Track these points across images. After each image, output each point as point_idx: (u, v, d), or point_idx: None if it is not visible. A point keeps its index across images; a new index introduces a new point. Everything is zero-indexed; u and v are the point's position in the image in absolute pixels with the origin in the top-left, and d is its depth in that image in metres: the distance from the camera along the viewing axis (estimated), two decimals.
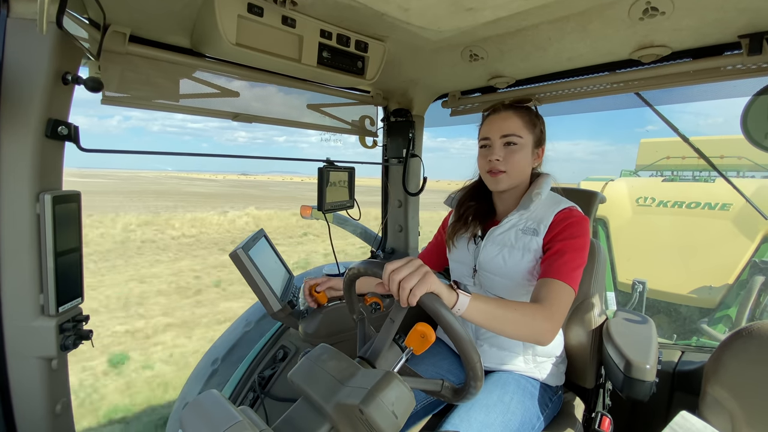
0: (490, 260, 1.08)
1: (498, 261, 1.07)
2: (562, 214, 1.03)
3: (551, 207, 1.06)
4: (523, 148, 1.06)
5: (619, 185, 5.34)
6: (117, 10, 0.92)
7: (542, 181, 1.10)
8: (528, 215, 1.07)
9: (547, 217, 1.04)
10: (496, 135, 1.06)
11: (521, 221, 1.08)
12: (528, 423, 0.98)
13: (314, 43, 1.08)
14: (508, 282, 1.06)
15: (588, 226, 1.02)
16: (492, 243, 1.10)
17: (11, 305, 0.79)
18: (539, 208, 1.07)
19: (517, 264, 1.04)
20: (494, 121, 1.08)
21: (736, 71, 1.06)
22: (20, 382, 0.81)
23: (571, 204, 1.07)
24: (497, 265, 1.07)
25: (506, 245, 1.07)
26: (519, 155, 1.05)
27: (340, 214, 2.21)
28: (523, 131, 1.06)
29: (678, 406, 1.10)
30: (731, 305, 3.84)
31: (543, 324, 0.84)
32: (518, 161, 1.05)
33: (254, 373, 1.50)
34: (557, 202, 1.08)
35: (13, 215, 0.77)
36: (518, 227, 1.07)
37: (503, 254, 1.06)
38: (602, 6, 0.95)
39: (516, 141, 1.05)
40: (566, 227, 1.00)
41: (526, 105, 1.11)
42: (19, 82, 0.74)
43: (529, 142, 1.07)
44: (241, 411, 0.60)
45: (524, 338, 0.91)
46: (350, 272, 0.86)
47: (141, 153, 1.25)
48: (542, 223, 1.04)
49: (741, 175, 5.09)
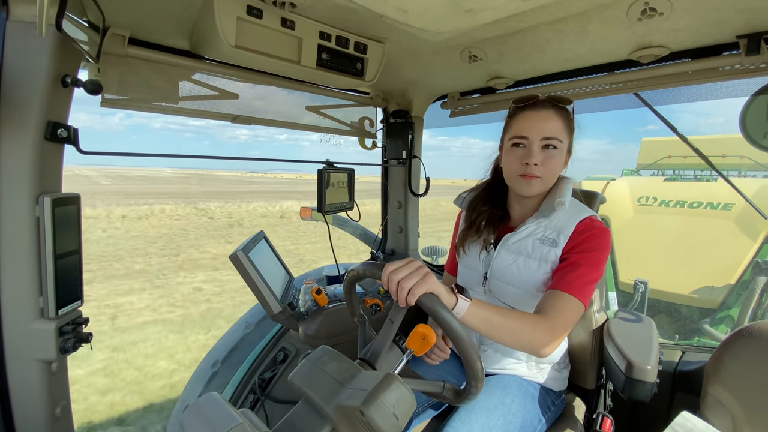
0: (503, 269, 1.04)
1: (512, 270, 1.02)
2: (583, 225, 0.97)
3: (572, 216, 1.00)
4: (561, 154, 0.99)
5: (621, 185, 5.34)
6: (116, 13, 0.92)
7: (564, 186, 1.03)
8: (547, 224, 1.01)
9: (568, 227, 0.98)
10: (537, 135, 0.96)
11: (539, 230, 1.02)
12: (529, 425, 0.98)
13: (313, 44, 1.09)
14: (519, 292, 1.02)
15: (609, 239, 0.97)
16: (506, 251, 1.04)
17: (11, 308, 0.79)
18: (560, 216, 1.01)
19: (532, 274, 0.99)
20: (534, 120, 0.97)
21: (734, 71, 1.06)
22: (20, 384, 0.81)
23: (592, 212, 1.02)
24: (511, 274, 1.02)
25: (522, 254, 1.02)
26: (556, 161, 0.98)
27: (339, 216, 2.21)
28: (563, 135, 0.97)
29: (679, 406, 1.10)
30: (733, 306, 3.83)
31: (542, 336, 0.82)
32: (555, 167, 0.98)
33: (254, 375, 1.50)
34: (578, 210, 1.02)
35: (12, 218, 0.77)
36: (536, 236, 1.01)
37: (518, 263, 1.01)
38: (601, 7, 0.95)
39: (557, 145, 0.96)
40: (586, 239, 0.95)
41: (568, 106, 1.01)
42: (19, 85, 0.74)
43: (566, 146, 1.00)
44: (242, 413, 0.60)
45: (521, 349, 0.89)
46: (350, 274, 0.86)
47: (141, 155, 1.25)
48: (562, 233, 0.98)
49: (743, 174, 5.09)
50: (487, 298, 1.09)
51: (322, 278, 1.79)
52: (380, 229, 2.05)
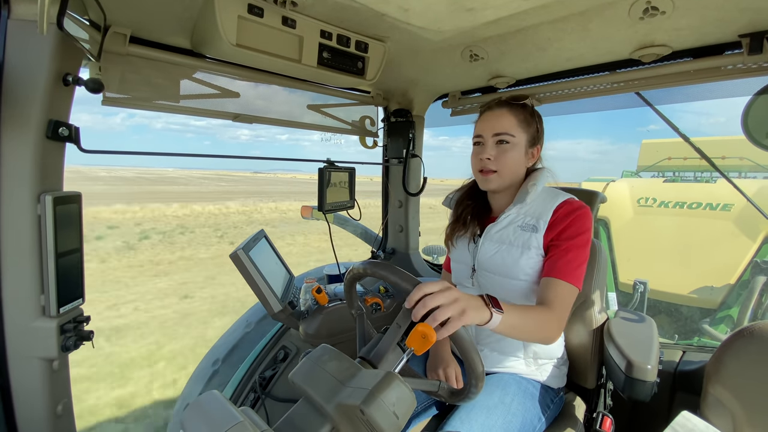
0: (488, 258, 1.07)
1: (496, 259, 1.05)
2: (562, 209, 1.01)
3: (550, 201, 1.03)
4: (515, 147, 1.03)
5: (621, 186, 5.34)
6: (117, 11, 0.92)
7: (537, 174, 1.07)
8: (526, 209, 1.05)
9: (546, 212, 1.02)
10: (489, 133, 1.04)
11: (519, 216, 1.06)
12: (529, 424, 0.98)
13: (314, 43, 1.08)
14: (506, 281, 1.05)
15: (590, 218, 1.01)
16: (490, 240, 1.08)
17: (12, 306, 0.79)
18: (536, 201, 1.05)
19: (516, 261, 1.02)
20: (488, 119, 1.06)
21: (736, 71, 1.05)
22: (21, 382, 0.81)
23: (569, 196, 1.05)
24: (495, 264, 1.06)
25: (504, 242, 1.05)
26: (510, 154, 1.03)
27: (340, 215, 2.21)
28: (516, 130, 1.03)
29: (679, 406, 1.10)
30: (733, 305, 3.83)
31: (553, 328, 0.90)
32: (509, 161, 1.03)
33: (255, 373, 1.50)
34: (555, 195, 1.05)
35: (14, 216, 0.77)
36: (516, 223, 1.05)
37: (501, 252, 1.05)
38: (602, 6, 0.94)
39: (508, 140, 1.03)
40: (569, 225, 0.98)
41: (521, 102, 1.07)
42: (20, 83, 0.74)
43: (523, 141, 1.04)
44: (242, 411, 0.60)
45: (535, 341, 0.96)
46: (354, 272, 0.86)
47: (142, 154, 1.26)
48: (541, 218, 1.02)
49: (743, 175, 5.09)
50: (475, 291, 1.10)
51: (322, 277, 1.79)
52: (381, 228, 2.05)
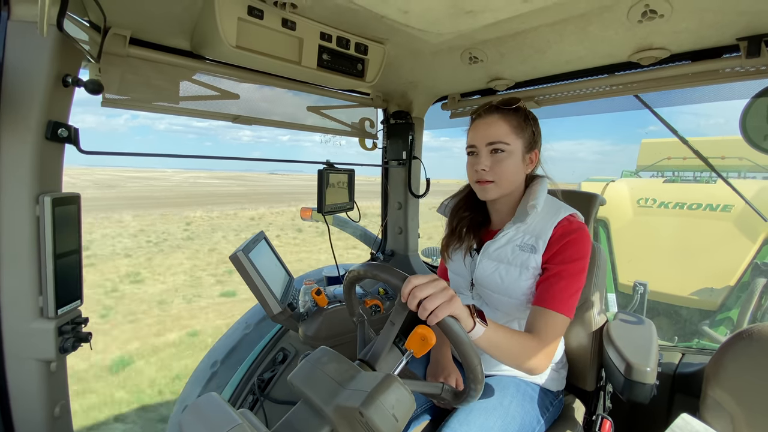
0: (486, 276, 1.04)
1: (495, 278, 1.03)
2: (561, 228, 0.97)
3: (550, 218, 0.99)
4: (511, 155, 0.99)
5: (620, 186, 5.32)
6: (117, 13, 0.92)
7: (537, 188, 1.02)
8: (525, 228, 1.01)
9: (546, 231, 0.98)
10: (482, 142, 0.99)
11: (518, 235, 1.02)
12: (528, 427, 0.98)
13: (314, 45, 1.09)
14: (506, 299, 1.03)
15: (588, 242, 0.97)
16: (488, 258, 1.05)
17: (10, 307, 0.79)
18: (536, 220, 1.01)
19: (515, 281, 1.00)
20: (479, 127, 1.01)
21: (734, 74, 1.06)
22: (19, 384, 0.81)
23: (570, 211, 1.02)
24: (494, 282, 1.03)
25: (503, 261, 1.02)
26: (507, 163, 0.98)
27: (340, 216, 2.21)
28: (510, 137, 0.98)
29: (679, 408, 1.10)
30: (732, 307, 3.82)
31: (539, 360, 0.88)
32: (506, 170, 0.99)
33: (254, 375, 1.50)
34: (556, 210, 1.01)
35: (12, 217, 0.77)
36: (515, 242, 1.01)
37: (500, 271, 1.02)
38: (601, 9, 0.95)
39: (503, 148, 0.98)
40: (565, 247, 0.95)
41: (513, 107, 1.01)
42: (20, 84, 0.74)
43: (518, 147, 0.99)
44: (241, 414, 0.60)
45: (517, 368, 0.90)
46: (351, 274, 0.85)
47: (142, 155, 1.26)
48: (541, 238, 0.98)
49: (742, 176, 5.09)
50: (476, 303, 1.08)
51: (321, 279, 1.79)
52: (380, 230, 2.05)
